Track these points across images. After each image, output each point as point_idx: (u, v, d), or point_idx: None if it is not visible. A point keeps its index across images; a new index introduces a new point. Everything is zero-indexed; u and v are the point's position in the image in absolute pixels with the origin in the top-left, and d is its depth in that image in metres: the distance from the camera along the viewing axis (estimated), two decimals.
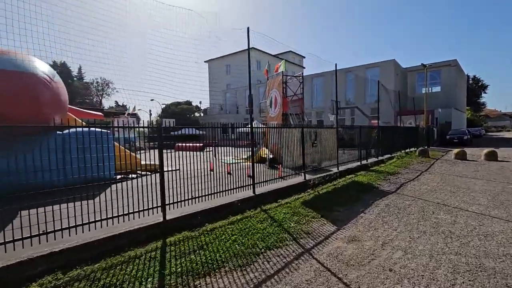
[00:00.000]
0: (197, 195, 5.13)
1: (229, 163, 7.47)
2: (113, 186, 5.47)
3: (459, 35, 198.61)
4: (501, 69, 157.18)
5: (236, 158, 7.70)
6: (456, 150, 13.77)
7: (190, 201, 5.03)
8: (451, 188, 7.40)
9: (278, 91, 15.55)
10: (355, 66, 32.94)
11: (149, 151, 6.51)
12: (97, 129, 4.98)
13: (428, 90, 32.03)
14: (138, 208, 4.34)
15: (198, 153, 5.83)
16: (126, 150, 7.80)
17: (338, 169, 9.53)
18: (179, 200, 4.82)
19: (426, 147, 22.06)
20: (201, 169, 5.42)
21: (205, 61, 54.68)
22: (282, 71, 15.37)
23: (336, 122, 9.64)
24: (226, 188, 5.70)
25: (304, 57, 57.19)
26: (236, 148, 7.55)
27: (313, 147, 8.34)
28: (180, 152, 5.49)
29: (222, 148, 6.84)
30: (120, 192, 4.52)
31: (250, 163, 6.38)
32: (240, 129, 7.93)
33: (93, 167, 4.86)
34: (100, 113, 13.84)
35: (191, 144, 13.49)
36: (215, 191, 5.49)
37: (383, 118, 30.72)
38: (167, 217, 4.44)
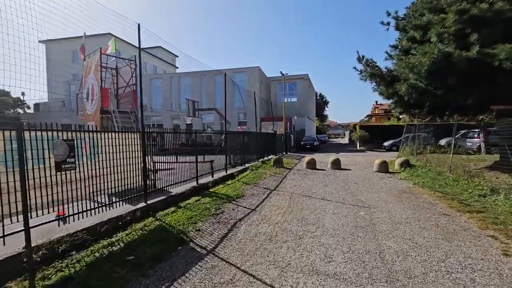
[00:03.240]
0: None
1: None
2: None
3: (310, 60, 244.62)
4: (337, 90, 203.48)
5: None
6: (307, 159, 12.79)
7: None
8: (297, 228, 4.80)
9: (95, 77, 10.36)
10: (223, 69, 30.99)
11: None
12: None
13: (288, 100, 34.12)
14: None
15: None
16: None
17: (145, 202, 5.61)
18: None
19: (284, 153, 21.96)
20: None
21: (40, 41, 40.43)
22: (100, 50, 10.37)
23: (142, 126, 5.75)
24: None
25: (177, 56, 52.08)
26: None
27: (63, 170, 3.98)
28: None
29: None
30: None
31: None
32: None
33: None
34: None
35: None
36: None
37: (249, 124, 30.19)
38: None
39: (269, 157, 15.82)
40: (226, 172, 9.90)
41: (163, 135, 7.60)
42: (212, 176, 9.16)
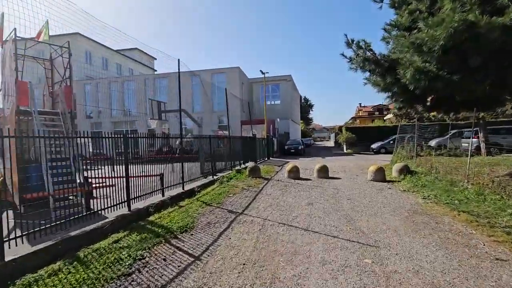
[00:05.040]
0: None
1: None
2: None
3: (294, 64, 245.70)
4: (320, 94, 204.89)
5: None
6: (289, 166, 10.63)
7: None
8: None
9: (11, 68, 7.88)
10: (201, 70, 28.65)
11: None
12: None
13: (271, 102, 32.11)
14: None
15: None
16: None
17: (1, 259, 3.21)
18: None
19: (266, 158, 19.79)
20: None
21: None
22: (15, 32, 7.88)
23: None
24: None
25: (156, 59, 49.11)
26: None
27: None
28: None
29: None
30: None
31: None
32: None
33: None
34: None
35: None
36: None
37: (231, 129, 27.87)
38: None
39: (247, 164, 13.55)
40: (184, 188, 7.54)
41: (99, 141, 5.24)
42: (163, 195, 6.81)
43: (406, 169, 9.16)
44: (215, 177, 9.87)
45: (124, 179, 5.44)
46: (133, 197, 5.72)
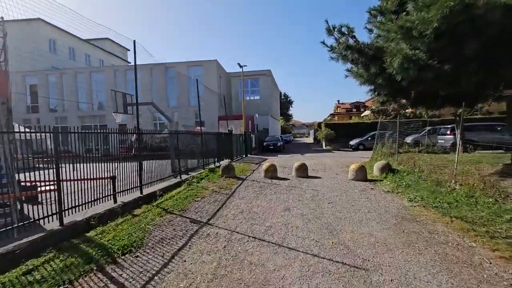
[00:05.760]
0: None
1: None
2: None
3: (274, 59, 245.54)
4: (301, 90, 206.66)
5: None
6: (265, 165, 9.78)
7: None
8: None
9: None
10: (176, 62, 27.04)
11: None
12: None
13: (250, 97, 31.17)
14: None
15: None
16: None
17: None
18: None
19: (244, 155, 18.89)
20: None
21: None
22: None
23: None
24: None
25: (129, 50, 46.12)
26: None
27: None
28: None
29: None
30: None
31: None
32: None
33: None
34: None
35: None
36: None
37: (207, 123, 26.62)
38: None
39: (222, 162, 12.56)
40: (142, 193, 6.43)
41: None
42: (115, 202, 5.69)
43: (387, 167, 8.65)
44: (184, 177, 8.81)
45: (55, 184, 4.28)
46: (70, 206, 4.58)
